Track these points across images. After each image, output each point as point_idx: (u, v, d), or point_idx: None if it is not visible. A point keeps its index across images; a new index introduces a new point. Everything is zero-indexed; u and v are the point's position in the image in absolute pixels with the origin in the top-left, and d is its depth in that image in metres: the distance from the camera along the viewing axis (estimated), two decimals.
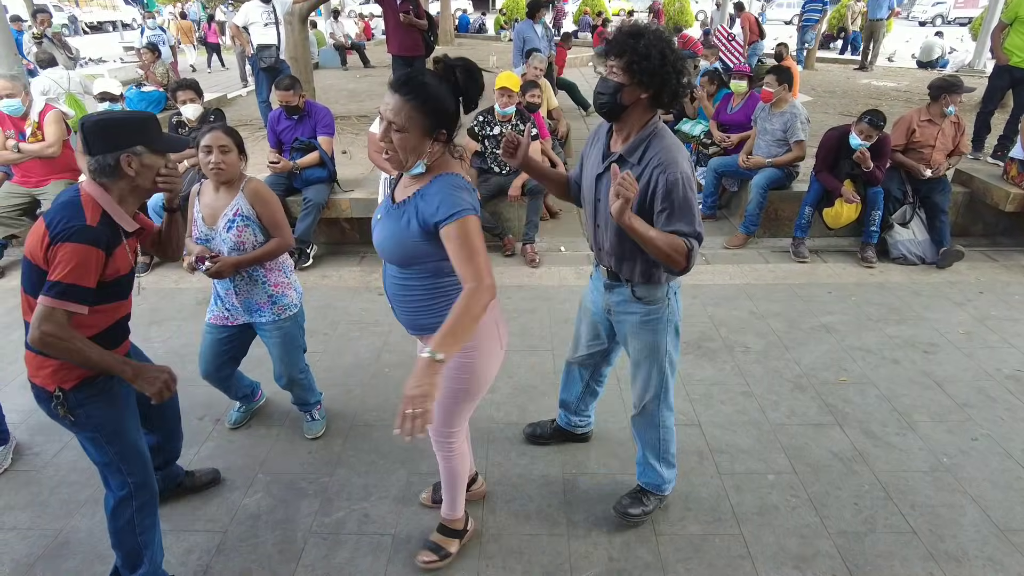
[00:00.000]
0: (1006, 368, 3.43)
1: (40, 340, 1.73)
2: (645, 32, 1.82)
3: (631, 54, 1.81)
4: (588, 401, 2.72)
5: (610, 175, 1.93)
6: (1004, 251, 4.95)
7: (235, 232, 2.52)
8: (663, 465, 2.41)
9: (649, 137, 1.92)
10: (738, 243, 5.10)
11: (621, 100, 1.88)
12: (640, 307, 2.16)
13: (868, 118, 4.41)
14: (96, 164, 1.82)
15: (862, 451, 2.83)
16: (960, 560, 2.29)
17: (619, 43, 1.83)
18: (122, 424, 2.01)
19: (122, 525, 2.05)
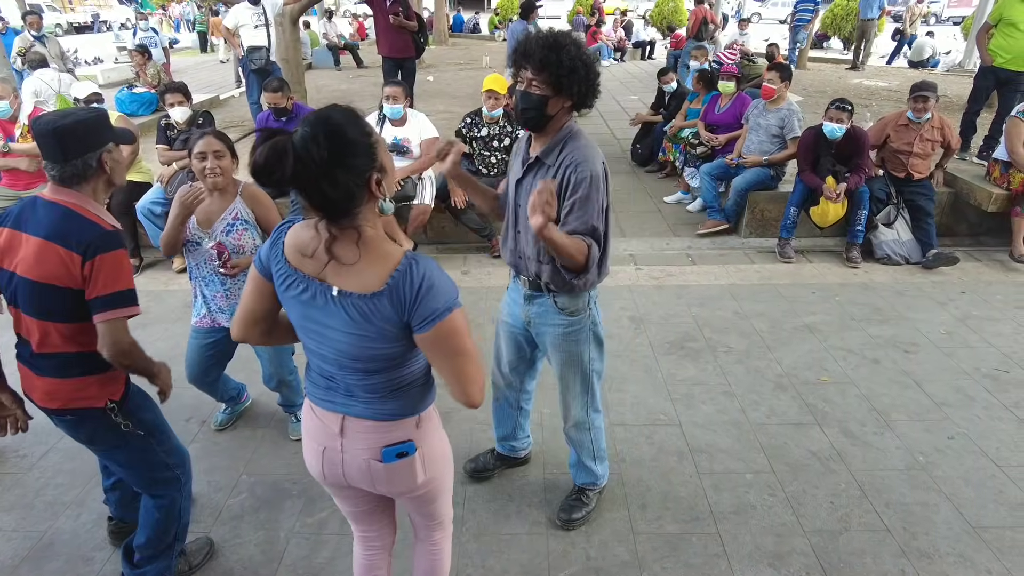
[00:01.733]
0: (984, 367, 3.47)
1: (123, 354, 1.76)
2: (564, 42, 1.81)
3: (555, 67, 1.80)
4: (522, 423, 2.65)
5: (527, 181, 1.99)
6: (987, 251, 5.00)
7: (235, 236, 2.55)
8: (597, 463, 2.48)
9: (565, 138, 1.93)
10: (710, 227, 5.19)
11: (547, 111, 1.88)
12: (562, 318, 2.15)
13: (835, 104, 4.55)
14: (73, 168, 1.71)
15: (840, 450, 2.87)
16: (931, 557, 2.33)
17: (540, 58, 1.81)
18: (161, 418, 2.12)
19: (174, 516, 2.12)
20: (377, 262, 1.33)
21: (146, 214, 4.47)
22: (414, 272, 1.32)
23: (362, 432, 1.49)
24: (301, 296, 1.39)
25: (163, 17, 21.79)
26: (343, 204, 1.29)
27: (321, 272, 1.36)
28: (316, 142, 1.22)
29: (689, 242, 5.21)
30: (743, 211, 5.22)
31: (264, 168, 1.21)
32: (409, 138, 4.49)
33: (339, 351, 1.40)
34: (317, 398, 1.53)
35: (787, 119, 5.03)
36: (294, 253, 1.39)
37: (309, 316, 1.40)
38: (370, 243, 1.34)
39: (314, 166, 1.22)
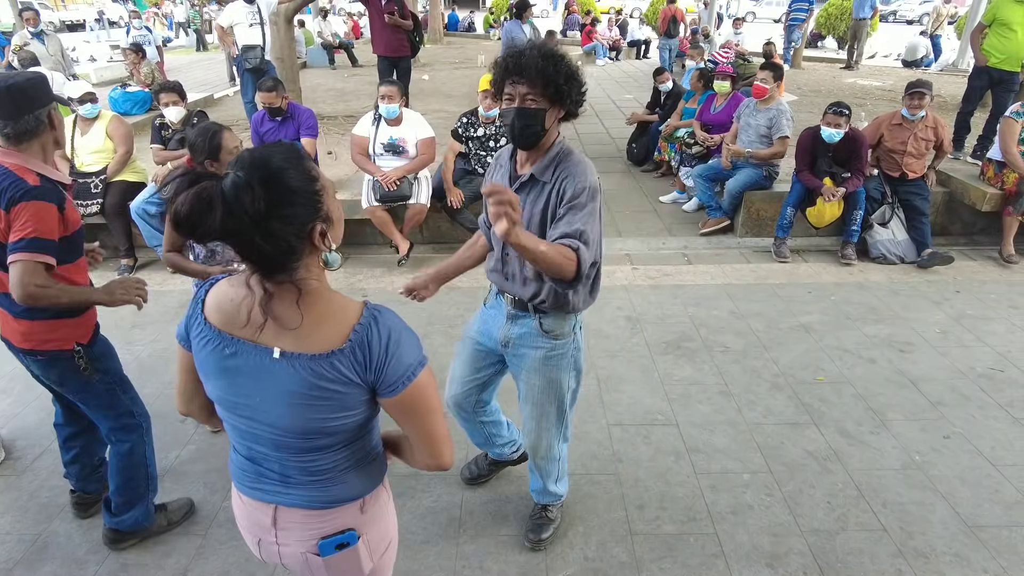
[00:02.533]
0: (979, 367, 3.48)
1: (28, 296, 1.82)
2: (557, 53, 1.73)
3: (554, 78, 1.71)
4: (496, 431, 2.51)
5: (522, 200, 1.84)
6: (981, 250, 5.02)
7: None
8: (559, 484, 2.39)
9: (559, 155, 1.83)
10: (712, 226, 5.22)
11: (545, 125, 1.78)
12: (545, 341, 2.04)
13: (832, 109, 4.56)
14: (22, 126, 1.82)
15: (837, 450, 2.87)
16: (928, 556, 2.34)
17: (538, 69, 1.69)
18: (120, 366, 2.27)
19: (138, 462, 2.30)
20: (330, 318, 1.16)
21: (140, 214, 4.44)
22: (380, 326, 1.16)
23: (297, 523, 1.30)
24: (225, 361, 1.18)
25: (156, 15, 21.67)
26: (280, 259, 1.11)
27: (256, 334, 1.17)
28: (250, 190, 1.02)
29: (685, 242, 5.21)
30: (739, 211, 5.23)
31: (187, 220, 1.01)
32: (405, 138, 4.48)
33: (277, 427, 1.20)
34: (245, 485, 1.32)
35: (776, 119, 5.04)
36: (218, 314, 1.20)
37: (235, 386, 1.20)
38: (315, 298, 1.16)
39: (247, 218, 1.03)
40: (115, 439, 2.27)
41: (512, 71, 1.73)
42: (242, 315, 1.16)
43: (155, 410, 3.07)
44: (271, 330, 1.15)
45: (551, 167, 1.82)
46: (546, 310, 2.00)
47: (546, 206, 1.82)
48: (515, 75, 1.72)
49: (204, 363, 1.23)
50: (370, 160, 4.52)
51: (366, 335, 1.15)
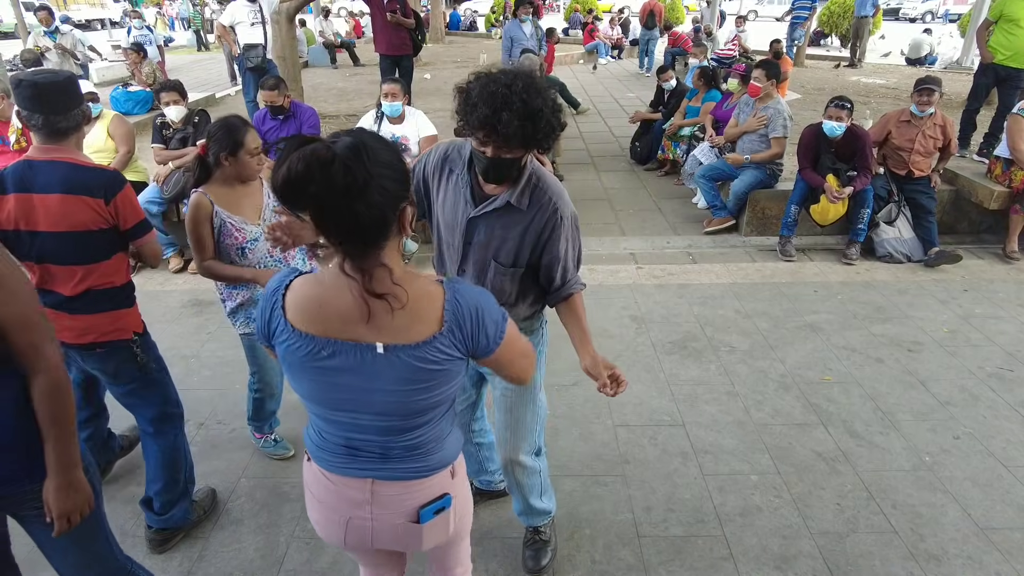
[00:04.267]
0: (989, 366, 3.45)
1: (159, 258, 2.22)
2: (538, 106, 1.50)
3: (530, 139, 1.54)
4: (490, 455, 2.43)
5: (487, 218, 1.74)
6: (989, 248, 4.98)
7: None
8: (545, 498, 2.25)
9: (532, 179, 1.73)
10: (716, 225, 5.20)
11: (521, 168, 1.68)
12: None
13: (834, 103, 4.53)
14: (72, 120, 1.90)
15: (845, 451, 2.84)
16: (940, 559, 2.31)
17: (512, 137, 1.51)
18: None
19: (182, 455, 2.36)
20: (423, 302, 1.17)
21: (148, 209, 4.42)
22: (463, 299, 1.20)
23: (395, 495, 1.31)
24: (323, 363, 1.18)
25: (158, 15, 21.66)
26: (374, 232, 1.10)
27: (353, 330, 1.15)
28: (364, 153, 1.03)
29: (690, 240, 5.18)
30: (743, 210, 5.20)
31: (303, 177, 1.00)
32: (408, 136, 4.45)
33: (384, 413, 1.23)
34: (336, 465, 1.32)
35: (772, 118, 5.00)
36: (305, 318, 1.18)
37: (336, 385, 1.21)
38: (407, 280, 1.16)
39: (359, 180, 1.02)
40: (158, 430, 2.30)
41: (487, 136, 1.54)
42: (334, 316, 1.16)
43: None
44: (368, 324, 1.16)
45: (527, 194, 1.73)
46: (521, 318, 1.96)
47: (525, 231, 1.75)
48: (495, 135, 1.53)
49: (296, 367, 1.22)
50: None
51: (455, 311, 1.19)
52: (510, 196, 1.72)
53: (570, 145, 7.63)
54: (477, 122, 1.52)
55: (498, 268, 1.82)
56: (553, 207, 1.74)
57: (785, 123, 4.98)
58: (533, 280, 1.89)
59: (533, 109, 1.50)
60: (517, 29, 7.54)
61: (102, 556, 1.66)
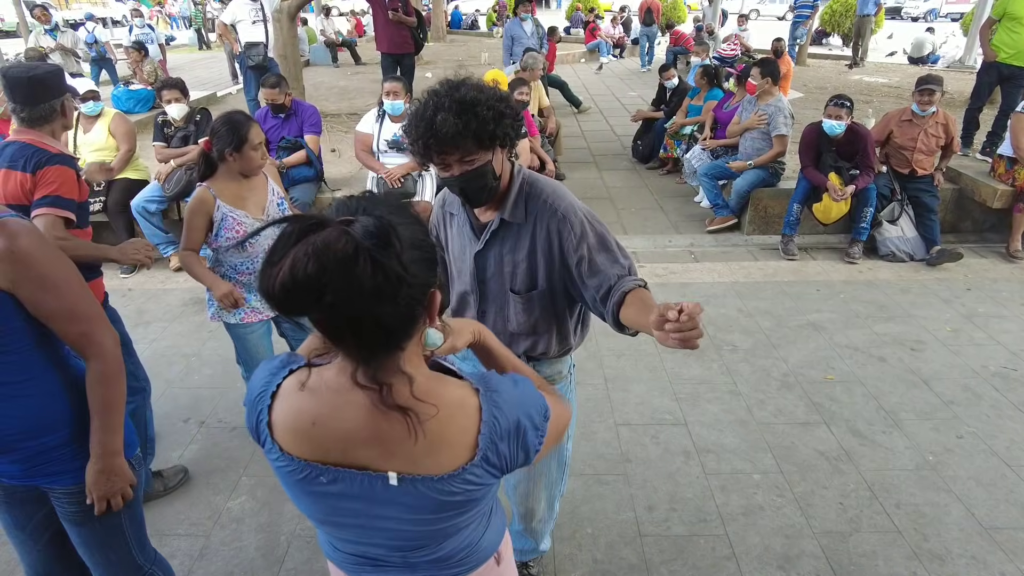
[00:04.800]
0: (992, 365, 3.43)
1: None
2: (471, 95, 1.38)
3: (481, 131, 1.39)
4: None
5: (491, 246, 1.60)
6: (992, 247, 4.96)
7: (287, 211, 2.58)
8: (546, 539, 2.19)
9: (524, 187, 1.58)
10: (718, 224, 5.19)
11: (497, 175, 1.50)
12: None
13: (834, 101, 4.52)
14: (39, 111, 2.03)
15: (848, 450, 2.83)
16: (943, 559, 2.30)
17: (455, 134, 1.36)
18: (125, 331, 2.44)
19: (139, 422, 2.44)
20: (452, 420, 0.93)
21: (141, 212, 4.42)
22: (504, 416, 0.96)
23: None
24: (321, 488, 0.97)
25: (159, 15, 21.66)
26: (399, 334, 0.88)
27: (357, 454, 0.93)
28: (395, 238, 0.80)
29: (691, 239, 5.17)
30: (746, 209, 5.18)
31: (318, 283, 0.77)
32: None
33: (398, 540, 1.03)
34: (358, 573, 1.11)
35: (772, 116, 4.99)
36: (298, 440, 0.95)
37: (338, 510, 0.99)
38: (430, 391, 0.92)
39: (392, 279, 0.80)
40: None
41: (434, 148, 1.39)
42: (332, 437, 0.93)
43: (158, 409, 3.07)
44: (378, 448, 0.92)
45: (521, 204, 1.57)
46: (540, 358, 1.77)
47: (532, 247, 1.58)
48: (438, 150, 1.39)
49: (290, 487, 1.01)
50: (374, 157, 4.48)
51: (493, 432, 0.94)
52: (503, 213, 1.57)
53: (572, 144, 7.62)
54: (420, 142, 1.38)
55: (517, 300, 1.65)
56: (551, 209, 1.56)
57: (786, 120, 4.96)
58: (560, 307, 1.68)
59: (466, 100, 1.36)
60: (517, 28, 7.53)
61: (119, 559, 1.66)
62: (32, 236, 1.33)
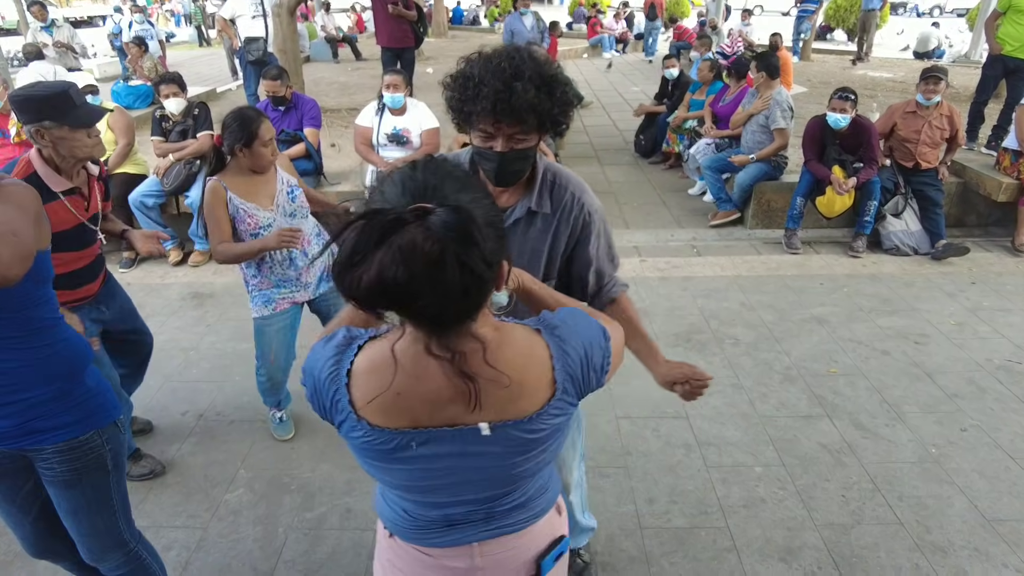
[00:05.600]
0: (997, 359, 3.40)
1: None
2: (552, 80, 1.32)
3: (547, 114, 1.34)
4: None
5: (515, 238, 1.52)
6: (997, 241, 4.92)
7: (300, 201, 2.56)
8: (587, 514, 2.14)
9: (548, 177, 1.54)
10: (721, 218, 5.17)
11: (534, 161, 1.49)
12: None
13: (838, 94, 4.49)
14: (26, 132, 1.99)
15: (851, 443, 2.81)
16: (946, 551, 2.27)
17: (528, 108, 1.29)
18: None
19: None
20: (528, 366, 0.97)
21: (139, 206, 4.41)
22: (572, 348, 1.00)
23: (505, 551, 1.13)
24: (419, 452, 0.99)
25: (160, 11, 21.66)
26: (473, 309, 0.89)
27: (447, 413, 0.96)
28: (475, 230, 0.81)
29: (694, 233, 5.14)
30: (749, 202, 5.16)
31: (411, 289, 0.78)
32: (409, 128, 4.42)
33: (489, 487, 1.06)
34: (432, 541, 1.12)
35: (771, 110, 4.97)
36: (384, 412, 0.96)
37: (433, 470, 1.02)
38: (503, 347, 0.95)
39: (478, 273, 0.82)
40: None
41: (500, 112, 1.30)
42: (419, 403, 0.96)
43: (157, 402, 3.07)
44: (464, 403, 0.95)
45: (546, 194, 1.54)
46: None
47: (554, 239, 1.56)
48: (501, 118, 1.31)
49: (376, 459, 1.01)
50: (374, 151, 4.46)
51: (566, 366, 0.99)
52: (530, 202, 1.52)
53: (574, 139, 7.59)
54: (488, 101, 1.28)
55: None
56: (580, 204, 1.54)
57: (784, 114, 4.93)
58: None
59: (547, 75, 1.31)
60: (518, 22, 7.50)
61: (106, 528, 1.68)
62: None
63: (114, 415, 1.64)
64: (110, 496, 1.65)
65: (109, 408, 1.63)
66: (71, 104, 1.97)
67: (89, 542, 1.66)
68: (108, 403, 1.63)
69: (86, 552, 1.68)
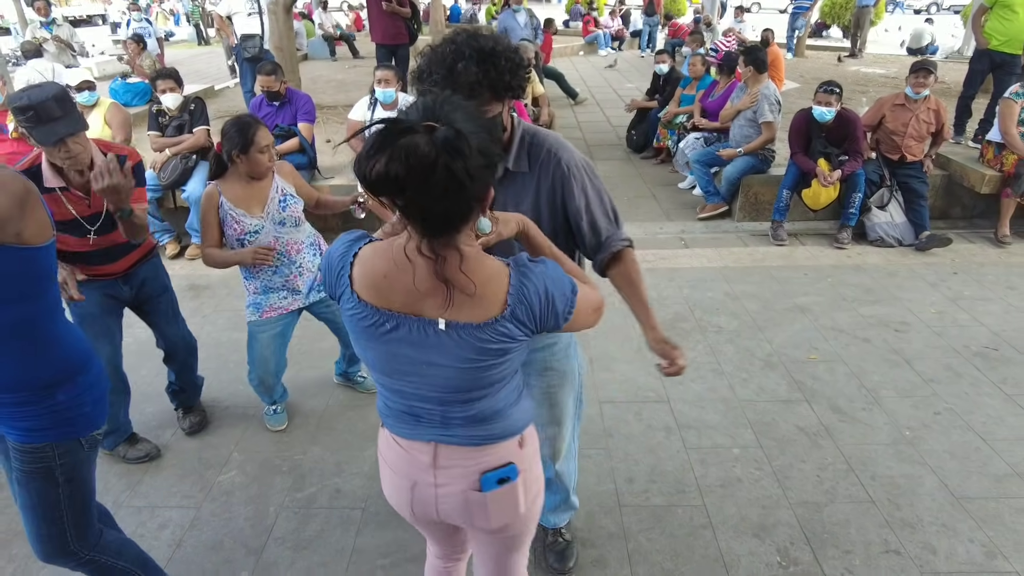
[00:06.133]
0: (974, 345, 3.48)
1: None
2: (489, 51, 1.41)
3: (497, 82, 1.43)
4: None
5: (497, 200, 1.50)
6: (981, 233, 5.00)
7: (291, 209, 2.60)
8: (574, 492, 2.22)
9: (525, 138, 1.63)
10: (709, 211, 5.24)
11: (504, 126, 1.56)
12: (552, 337, 1.89)
13: (823, 88, 4.56)
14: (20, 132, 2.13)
15: (828, 426, 2.88)
16: (915, 526, 2.35)
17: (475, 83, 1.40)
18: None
19: None
20: (488, 283, 1.15)
21: None
22: (530, 281, 1.16)
23: (459, 459, 1.30)
24: (385, 335, 1.19)
25: (159, 10, 21.70)
26: (459, 221, 1.10)
27: (415, 305, 1.15)
28: (466, 147, 1.00)
29: (683, 226, 5.21)
30: (737, 196, 5.23)
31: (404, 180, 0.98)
32: None
33: (444, 386, 1.22)
34: (402, 430, 1.33)
35: (759, 103, 5.04)
36: (372, 291, 1.18)
37: (397, 357, 1.21)
38: (476, 264, 1.14)
39: (459, 180, 1.01)
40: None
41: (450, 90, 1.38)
42: (399, 289, 1.15)
43: (153, 390, 3.14)
44: (432, 300, 1.15)
45: (524, 155, 1.62)
46: None
47: (536, 197, 1.63)
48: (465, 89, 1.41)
49: (360, 335, 1.23)
50: None
51: (522, 294, 1.15)
52: (506, 163, 1.60)
53: (568, 135, 7.63)
54: (439, 87, 1.40)
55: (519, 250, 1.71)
56: (556, 159, 1.61)
57: (772, 107, 5.01)
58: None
59: (485, 49, 1.41)
60: (511, 19, 7.57)
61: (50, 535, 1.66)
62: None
63: (78, 432, 1.60)
64: (59, 507, 1.62)
65: (77, 424, 1.59)
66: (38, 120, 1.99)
67: (34, 543, 1.66)
68: (77, 419, 1.58)
69: (33, 550, 1.67)
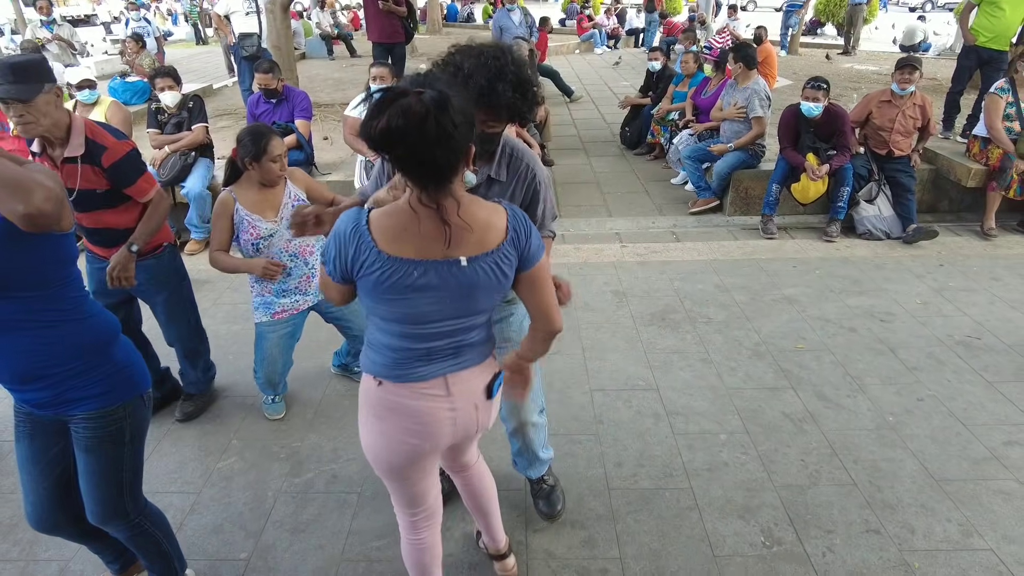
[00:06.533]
0: (957, 335, 3.56)
1: None
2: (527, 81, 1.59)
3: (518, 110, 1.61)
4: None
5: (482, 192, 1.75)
6: (967, 226, 5.08)
7: None
8: (545, 448, 2.36)
9: (504, 151, 1.79)
10: (701, 206, 5.32)
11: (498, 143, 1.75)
12: (506, 310, 2.07)
13: (810, 84, 4.64)
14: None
15: (813, 412, 2.96)
16: (895, 507, 2.42)
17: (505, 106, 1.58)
18: None
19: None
20: (491, 218, 1.40)
21: None
22: (518, 214, 1.45)
23: (471, 379, 1.55)
24: (415, 283, 1.36)
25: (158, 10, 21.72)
26: (449, 171, 1.28)
27: (437, 249, 1.35)
28: (449, 104, 1.20)
29: (674, 220, 5.29)
30: (728, 190, 5.31)
31: (404, 132, 1.18)
32: None
33: (460, 317, 1.45)
34: (411, 375, 1.50)
35: (749, 99, 5.12)
36: (397, 245, 1.35)
37: (423, 301, 1.39)
38: (474, 207, 1.38)
39: (447, 131, 1.20)
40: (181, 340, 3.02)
41: (481, 105, 1.54)
42: (420, 237, 1.35)
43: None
44: (449, 243, 1.36)
45: (503, 164, 1.79)
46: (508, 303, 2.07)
47: (511, 200, 1.81)
48: (483, 108, 1.55)
49: (384, 294, 1.40)
50: (362, 140, 4.59)
51: (516, 223, 1.44)
52: (490, 170, 1.77)
53: (562, 132, 7.73)
54: (473, 93, 1.52)
55: None
56: (532, 174, 1.83)
57: (762, 103, 5.08)
58: None
59: (525, 80, 1.59)
60: (506, 18, 7.63)
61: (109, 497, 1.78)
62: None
63: (139, 389, 1.74)
64: (121, 468, 1.76)
65: (136, 381, 1.73)
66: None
67: (93, 506, 1.78)
68: (135, 376, 1.73)
69: (90, 514, 1.80)
